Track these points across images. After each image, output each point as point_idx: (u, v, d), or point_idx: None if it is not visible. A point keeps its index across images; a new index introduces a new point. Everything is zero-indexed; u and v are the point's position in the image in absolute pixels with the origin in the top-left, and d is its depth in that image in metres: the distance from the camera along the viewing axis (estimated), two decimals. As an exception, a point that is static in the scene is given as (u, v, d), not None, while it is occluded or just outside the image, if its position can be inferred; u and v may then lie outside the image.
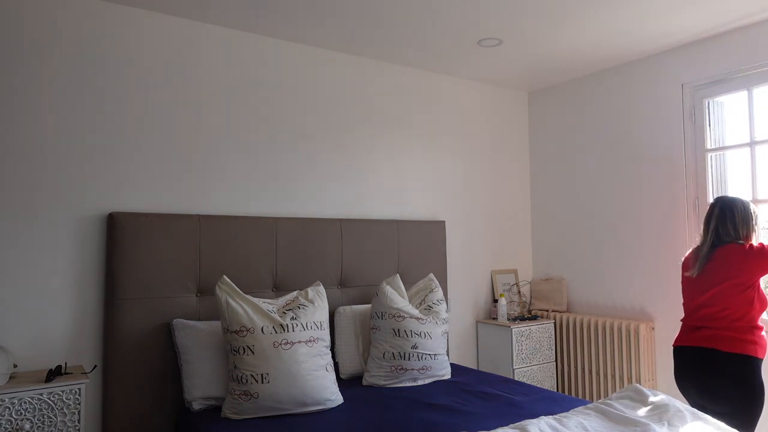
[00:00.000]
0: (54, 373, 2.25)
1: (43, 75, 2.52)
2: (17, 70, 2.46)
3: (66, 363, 2.48)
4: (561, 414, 2.17)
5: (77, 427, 2.21)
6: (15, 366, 2.28)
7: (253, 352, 2.32)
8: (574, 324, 3.76)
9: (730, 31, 3.15)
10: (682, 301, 3.34)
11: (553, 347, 3.82)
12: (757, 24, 3.03)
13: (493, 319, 3.88)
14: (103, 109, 2.65)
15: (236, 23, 2.96)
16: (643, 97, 3.59)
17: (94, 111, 2.63)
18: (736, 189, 3.24)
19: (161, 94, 2.81)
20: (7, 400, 2.09)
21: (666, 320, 3.43)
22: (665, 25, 3.06)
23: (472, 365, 3.87)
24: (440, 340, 2.92)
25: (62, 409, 2.19)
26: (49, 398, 2.16)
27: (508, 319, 3.82)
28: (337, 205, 3.35)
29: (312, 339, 2.46)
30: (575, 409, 2.24)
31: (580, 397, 3.69)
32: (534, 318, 3.89)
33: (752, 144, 3.08)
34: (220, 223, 2.83)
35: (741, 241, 2.40)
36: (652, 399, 2.27)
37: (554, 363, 3.82)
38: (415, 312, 2.91)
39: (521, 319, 3.84)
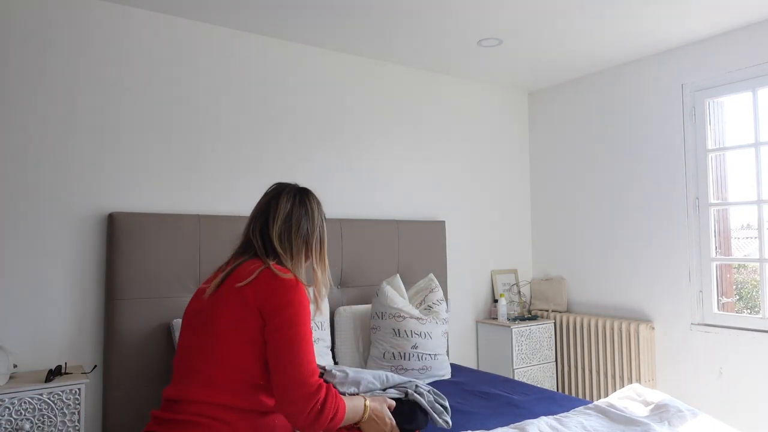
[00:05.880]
0: (54, 373, 2.25)
1: (42, 75, 2.52)
2: (17, 70, 2.46)
3: (66, 363, 2.47)
4: (561, 414, 2.17)
5: (77, 427, 2.21)
6: (15, 366, 2.28)
7: (253, 352, 2.31)
8: (574, 324, 3.76)
9: (730, 31, 3.14)
10: (678, 301, 3.37)
11: (553, 347, 3.82)
12: (757, 24, 3.03)
13: (493, 319, 3.88)
14: (103, 109, 2.65)
15: (237, 23, 2.96)
16: (643, 97, 3.59)
17: (94, 111, 2.63)
18: (738, 189, 3.24)
19: (162, 94, 2.81)
20: (7, 400, 2.09)
21: (666, 320, 3.43)
22: (665, 24, 3.06)
23: (472, 365, 3.87)
24: (440, 340, 2.92)
25: (62, 409, 2.18)
26: (48, 398, 2.16)
27: (508, 319, 3.81)
28: (336, 205, 3.34)
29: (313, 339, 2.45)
30: (575, 409, 2.24)
31: (580, 397, 3.68)
32: (534, 318, 3.89)
33: (757, 145, 3.08)
34: (220, 223, 2.82)
35: None
36: (652, 399, 2.27)
37: (554, 363, 3.82)
38: (415, 312, 2.91)
39: (521, 319, 3.83)
